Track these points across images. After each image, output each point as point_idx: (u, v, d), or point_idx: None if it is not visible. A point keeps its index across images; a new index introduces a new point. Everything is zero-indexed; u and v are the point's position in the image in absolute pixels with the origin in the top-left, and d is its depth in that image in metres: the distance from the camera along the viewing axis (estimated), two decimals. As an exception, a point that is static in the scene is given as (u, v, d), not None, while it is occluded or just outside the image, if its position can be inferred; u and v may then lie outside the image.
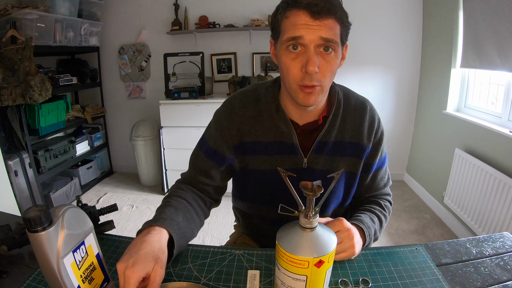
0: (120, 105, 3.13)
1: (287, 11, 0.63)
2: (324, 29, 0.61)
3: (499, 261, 0.64)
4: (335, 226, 0.64)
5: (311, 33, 0.61)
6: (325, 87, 0.67)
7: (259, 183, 0.80)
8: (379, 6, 2.59)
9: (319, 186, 0.47)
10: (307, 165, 0.75)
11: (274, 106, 0.75)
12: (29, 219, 0.42)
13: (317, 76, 0.63)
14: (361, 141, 0.76)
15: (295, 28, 0.62)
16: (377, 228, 0.76)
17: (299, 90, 0.65)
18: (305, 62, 0.62)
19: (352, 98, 0.78)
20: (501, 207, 1.61)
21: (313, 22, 0.60)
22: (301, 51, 0.63)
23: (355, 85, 2.75)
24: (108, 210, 0.78)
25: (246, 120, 0.76)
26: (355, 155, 0.77)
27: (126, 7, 2.85)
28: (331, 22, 0.62)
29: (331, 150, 0.75)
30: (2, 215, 0.85)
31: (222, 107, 0.81)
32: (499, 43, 1.70)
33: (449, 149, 2.14)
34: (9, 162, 1.99)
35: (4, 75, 1.93)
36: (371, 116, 0.78)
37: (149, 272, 0.53)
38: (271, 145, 0.75)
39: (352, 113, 0.76)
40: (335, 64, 0.65)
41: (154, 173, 2.94)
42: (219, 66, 2.88)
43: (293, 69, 0.64)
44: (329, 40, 0.61)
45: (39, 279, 0.60)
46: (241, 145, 0.77)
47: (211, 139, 0.80)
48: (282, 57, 0.66)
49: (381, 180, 0.84)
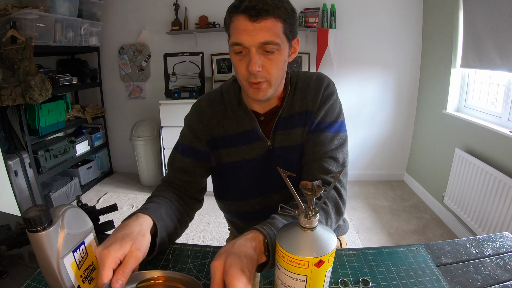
0: (120, 105, 3.13)
1: (231, 16, 0.68)
2: (262, 33, 0.64)
3: (499, 261, 0.64)
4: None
5: (250, 38, 0.65)
6: (273, 81, 0.71)
7: (235, 176, 0.83)
8: (379, 6, 2.59)
9: (319, 186, 0.47)
10: (272, 146, 0.79)
11: (236, 100, 0.80)
12: (29, 219, 0.42)
13: (261, 73, 0.68)
14: (308, 107, 0.78)
15: (236, 34, 0.66)
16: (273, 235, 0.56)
17: (249, 86, 0.71)
18: (248, 62, 0.67)
19: (304, 74, 0.82)
20: (501, 207, 1.61)
21: (252, 26, 0.64)
22: (245, 53, 0.68)
23: (355, 85, 2.76)
24: (108, 210, 0.78)
25: (214, 116, 0.81)
26: (304, 124, 0.78)
27: (126, 7, 2.85)
28: (270, 22, 0.64)
29: (285, 125, 0.78)
30: (2, 215, 0.85)
31: (191, 110, 0.86)
32: (499, 43, 1.70)
33: (449, 149, 2.14)
34: (9, 162, 1.99)
35: (4, 75, 1.93)
36: (317, 81, 0.79)
37: (126, 253, 0.51)
38: (238, 135, 0.79)
39: (301, 85, 0.80)
40: (280, 61, 0.69)
41: (154, 173, 2.94)
42: (219, 66, 2.88)
43: (240, 68, 0.70)
44: (269, 42, 0.65)
45: (39, 279, 0.60)
46: (213, 140, 0.81)
47: (184, 138, 0.84)
48: (232, 58, 0.72)
49: (323, 144, 0.74)
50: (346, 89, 2.75)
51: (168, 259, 0.67)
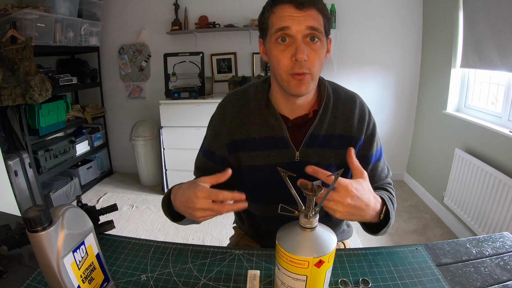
0: (120, 105, 3.13)
1: (273, 8, 0.68)
2: (309, 19, 0.65)
3: (499, 261, 0.64)
4: (356, 174, 0.64)
5: (297, 23, 0.64)
6: (314, 75, 0.69)
7: (255, 180, 0.81)
8: (379, 6, 2.59)
9: (319, 186, 0.47)
10: (299, 158, 0.76)
11: (264, 102, 0.77)
12: (29, 219, 0.42)
13: (306, 64, 0.66)
14: (352, 133, 0.77)
15: (282, 20, 0.65)
16: (392, 208, 0.72)
17: (291, 78, 0.68)
18: (294, 51, 0.65)
19: (342, 92, 0.81)
20: (501, 207, 1.61)
21: (298, 13, 0.65)
22: (290, 42, 0.66)
23: (355, 85, 2.76)
24: (108, 210, 0.78)
25: (237, 118, 0.79)
26: (347, 148, 0.77)
27: (126, 7, 2.85)
28: (315, 12, 0.66)
29: (322, 143, 0.77)
30: (2, 215, 0.85)
31: (216, 110, 0.85)
32: (499, 43, 1.70)
33: (449, 149, 2.14)
34: (9, 162, 1.99)
35: (4, 75, 1.93)
36: (361, 109, 0.80)
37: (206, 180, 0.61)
38: (263, 140, 0.77)
39: (342, 106, 0.78)
40: (322, 53, 0.69)
41: (154, 173, 2.94)
42: (219, 66, 2.88)
43: (283, 59, 0.67)
44: (315, 28, 0.65)
45: (39, 279, 0.60)
46: (233, 143, 0.79)
47: (206, 141, 0.84)
48: (272, 50, 0.69)
49: (382, 171, 0.84)
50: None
51: (168, 259, 0.67)
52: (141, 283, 0.61)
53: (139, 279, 0.62)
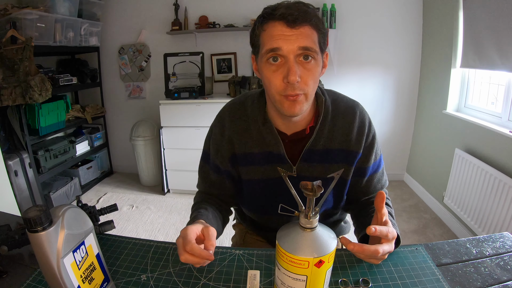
0: (120, 105, 3.13)
1: (263, 24, 0.65)
2: (301, 38, 0.61)
3: (499, 261, 0.64)
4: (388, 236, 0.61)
5: (288, 43, 0.61)
6: (309, 94, 0.67)
7: (253, 193, 0.83)
8: (379, 6, 2.59)
9: (319, 186, 0.47)
10: (296, 173, 0.76)
11: (261, 119, 0.76)
12: (29, 219, 0.42)
13: (299, 85, 0.64)
14: (350, 147, 0.76)
15: (272, 40, 0.62)
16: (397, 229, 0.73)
17: (284, 99, 0.65)
18: (286, 72, 0.62)
19: (341, 104, 0.78)
20: (501, 207, 1.61)
21: (290, 32, 0.61)
22: (281, 62, 0.64)
23: (355, 85, 2.76)
24: (108, 210, 0.78)
25: (236, 133, 0.78)
26: (345, 162, 0.77)
27: (126, 7, 2.85)
28: (308, 29, 0.62)
29: (320, 158, 0.76)
30: (2, 215, 0.85)
31: (215, 121, 0.84)
32: (499, 43, 1.70)
33: (449, 149, 2.14)
34: (9, 162, 1.99)
35: (4, 75, 1.93)
36: (361, 121, 0.77)
37: (201, 229, 0.60)
38: (260, 155, 0.77)
39: (341, 120, 0.76)
40: (316, 72, 0.66)
41: (154, 173, 2.94)
42: (219, 66, 2.88)
43: (275, 81, 0.64)
44: (308, 48, 0.62)
45: (39, 279, 0.60)
46: (234, 157, 0.80)
47: (211, 154, 0.83)
48: (264, 70, 0.66)
49: (378, 182, 0.83)
50: (346, 89, 2.73)
51: (168, 259, 0.67)
52: (141, 283, 0.61)
53: (139, 279, 0.62)
